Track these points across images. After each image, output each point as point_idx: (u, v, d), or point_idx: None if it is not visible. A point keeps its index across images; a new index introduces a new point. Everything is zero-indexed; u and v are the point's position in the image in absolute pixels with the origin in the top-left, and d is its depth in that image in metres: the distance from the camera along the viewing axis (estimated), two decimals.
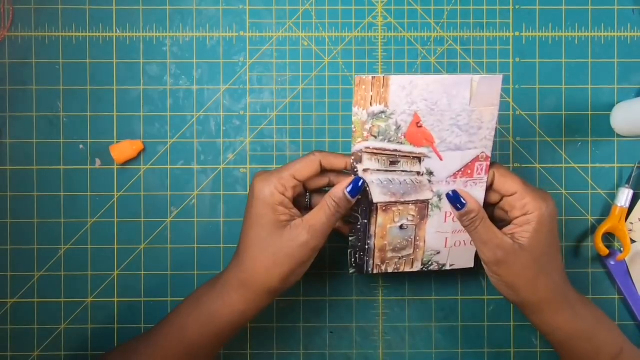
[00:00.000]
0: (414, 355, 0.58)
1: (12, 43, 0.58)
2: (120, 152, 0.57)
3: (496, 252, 0.47)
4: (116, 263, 0.58)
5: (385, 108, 0.46)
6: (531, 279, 0.47)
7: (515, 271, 0.47)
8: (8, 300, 0.57)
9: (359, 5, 0.58)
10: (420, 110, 0.46)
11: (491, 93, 0.46)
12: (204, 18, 0.58)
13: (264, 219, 0.46)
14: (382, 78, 0.45)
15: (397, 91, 0.45)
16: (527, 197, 0.47)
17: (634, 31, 0.58)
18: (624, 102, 0.57)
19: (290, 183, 0.47)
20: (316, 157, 0.48)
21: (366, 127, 0.46)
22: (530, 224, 0.46)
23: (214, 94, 0.58)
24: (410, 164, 0.48)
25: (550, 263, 0.47)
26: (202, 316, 0.47)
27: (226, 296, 0.47)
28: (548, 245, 0.47)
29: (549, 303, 0.48)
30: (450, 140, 0.47)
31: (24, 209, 0.57)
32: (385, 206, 0.49)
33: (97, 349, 0.57)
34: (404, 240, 0.51)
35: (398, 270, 0.53)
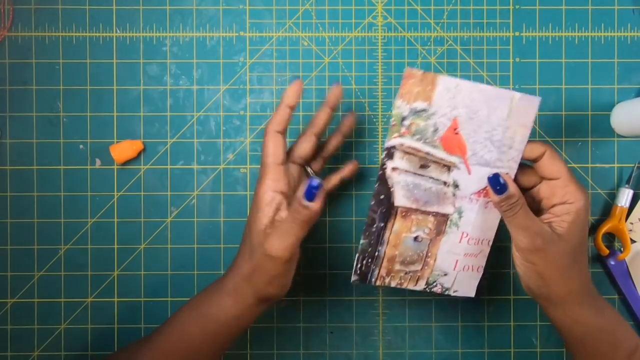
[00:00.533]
0: (414, 355, 0.58)
1: (12, 43, 0.58)
2: (120, 152, 0.57)
3: (535, 239, 0.45)
4: (116, 263, 0.58)
5: (428, 106, 0.46)
6: (565, 270, 0.46)
7: (551, 260, 0.46)
8: (8, 300, 0.57)
9: (359, 5, 0.58)
10: (460, 116, 0.46)
11: (527, 114, 0.46)
12: (204, 18, 0.58)
13: (253, 223, 0.46)
14: (431, 76, 0.45)
15: (442, 92, 0.45)
16: (570, 184, 0.46)
17: (634, 31, 0.58)
18: (624, 102, 0.57)
19: (277, 172, 0.47)
20: (270, 132, 0.47)
21: (405, 122, 0.46)
22: (570, 214, 0.46)
23: (214, 94, 0.58)
24: (439, 171, 0.48)
25: (583, 255, 0.47)
26: (200, 320, 0.47)
27: (221, 301, 0.47)
28: (582, 238, 0.47)
29: (577, 295, 0.47)
30: (481, 155, 0.47)
31: (24, 209, 0.57)
32: (405, 212, 0.48)
33: (97, 349, 0.57)
34: (415, 253, 0.50)
35: (401, 286, 0.51)
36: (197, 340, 0.47)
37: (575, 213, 0.46)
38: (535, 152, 0.47)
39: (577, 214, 0.46)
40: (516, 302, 0.58)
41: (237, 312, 0.47)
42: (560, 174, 0.46)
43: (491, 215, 0.49)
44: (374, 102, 0.58)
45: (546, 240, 0.45)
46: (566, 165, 0.47)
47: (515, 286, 0.58)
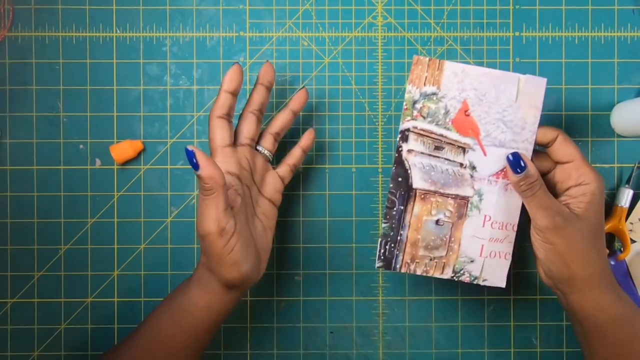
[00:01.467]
0: (414, 355, 0.58)
1: (12, 43, 0.58)
2: (120, 152, 0.57)
3: (555, 218, 0.45)
4: (116, 263, 0.58)
5: (437, 90, 0.48)
6: (585, 250, 0.46)
7: (571, 239, 0.46)
8: (8, 300, 0.57)
9: (359, 5, 0.58)
10: (469, 98, 0.48)
11: (536, 95, 0.48)
12: (204, 18, 0.58)
13: None
14: (438, 62, 0.48)
15: (449, 76, 0.48)
16: (584, 166, 0.47)
17: (634, 31, 0.58)
18: (624, 102, 0.57)
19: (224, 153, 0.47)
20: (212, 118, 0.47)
21: (417, 105, 0.48)
22: (586, 195, 0.46)
23: (214, 94, 0.58)
24: (454, 153, 0.49)
25: (601, 237, 0.47)
26: (173, 313, 0.47)
27: (190, 292, 0.47)
28: (599, 220, 0.47)
29: (597, 279, 0.47)
30: (495, 135, 0.48)
31: (24, 209, 0.57)
32: (424, 194, 0.49)
33: (97, 349, 0.57)
34: (438, 238, 0.50)
35: (427, 273, 0.51)
36: (172, 336, 0.47)
37: (592, 194, 0.46)
38: (548, 136, 0.48)
39: (593, 195, 0.46)
40: (516, 302, 0.58)
41: (206, 302, 0.47)
42: (574, 156, 0.47)
43: (513, 198, 0.49)
44: (374, 102, 0.58)
45: (566, 219, 0.45)
46: (578, 148, 0.48)
47: (516, 286, 0.58)
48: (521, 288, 0.58)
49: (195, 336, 0.47)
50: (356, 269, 0.58)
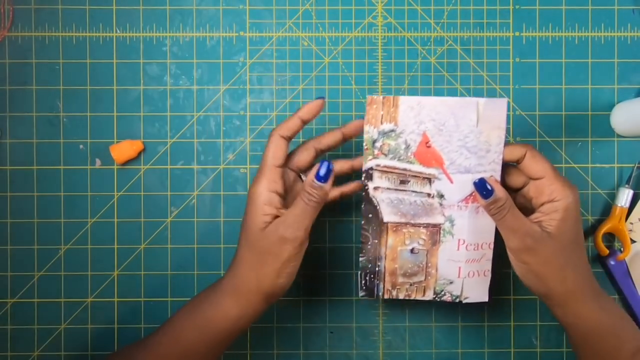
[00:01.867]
0: (414, 355, 0.58)
1: (12, 43, 0.58)
2: (120, 152, 0.57)
3: (525, 239, 0.46)
4: (116, 263, 0.58)
5: (395, 127, 0.48)
6: (559, 268, 0.46)
7: (544, 259, 0.46)
8: (8, 300, 0.57)
9: (359, 5, 0.58)
10: (428, 130, 0.48)
11: (497, 116, 0.47)
12: (204, 18, 0.58)
13: (251, 222, 0.46)
14: (392, 98, 0.48)
15: (406, 111, 0.48)
16: (555, 182, 0.46)
17: (634, 31, 0.58)
18: (624, 102, 0.57)
19: (275, 173, 0.47)
20: (275, 135, 0.48)
21: (377, 144, 0.48)
22: (558, 211, 0.46)
23: (214, 94, 0.58)
24: (420, 184, 0.49)
25: (576, 253, 0.47)
26: (198, 322, 0.47)
27: (221, 302, 0.47)
28: (574, 235, 0.47)
29: (576, 293, 0.47)
30: (459, 162, 0.48)
31: (24, 209, 0.57)
32: (395, 227, 0.50)
33: (97, 349, 0.58)
34: (415, 265, 0.51)
35: (409, 297, 0.52)
36: (195, 344, 0.47)
37: (564, 210, 0.46)
38: (516, 154, 0.48)
39: (565, 211, 0.46)
40: (516, 302, 0.58)
41: (238, 312, 0.47)
42: (544, 172, 0.47)
43: (485, 219, 0.49)
44: None
45: (536, 240, 0.46)
46: (550, 163, 0.47)
47: (515, 286, 0.58)
48: (521, 288, 0.58)
49: (218, 344, 0.48)
50: (356, 269, 0.58)
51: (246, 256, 0.47)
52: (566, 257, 0.46)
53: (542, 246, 0.46)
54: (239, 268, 0.47)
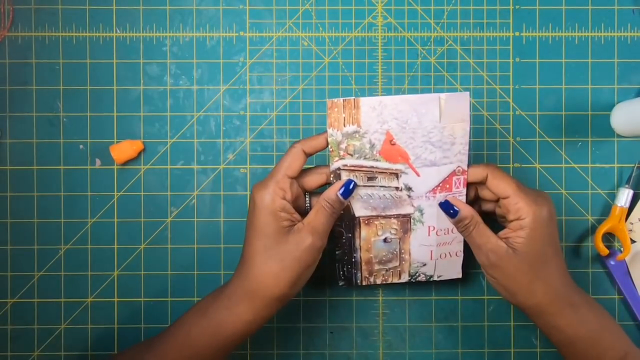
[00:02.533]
0: (414, 355, 0.58)
1: (12, 43, 0.58)
2: (120, 152, 0.57)
3: (489, 256, 0.47)
4: (116, 263, 0.58)
5: (358, 128, 0.48)
6: (527, 283, 0.47)
7: (510, 275, 0.47)
8: (8, 300, 0.58)
9: (359, 5, 0.58)
10: (392, 128, 0.48)
11: (460, 109, 0.48)
12: (204, 18, 0.58)
13: (268, 227, 0.46)
14: (353, 100, 0.47)
15: (368, 112, 0.48)
16: (520, 201, 0.47)
17: (634, 31, 0.59)
18: (624, 102, 0.57)
19: (287, 183, 0.48)
20: (297, 148, 0.48)
21: (342, 146, 0.48)
22: (524, 229, 0.47)
23: (214, 94, 0.58)
24: (387, 179, 0.50)
25: (546, 267, 0.48)
26: (208, 327, 0.47)
27: (233, 307, 0.47)
28: (543, 250, 0.47)
29: (548, 306, 0.48)
30: (425, 157, 0.49)
31: (24, 209, 0.58)
32: (367, 220, 0.51)
33: (97, 349, 0.58)
34: (389, 253, 0.53)
35: (386, 281, 0.54)
36: (205, 348, 0.47)
37: (530, 227, 0.47)
38: (478, 176, 0.49)
39: (532, 229, 0.47)
40: None
41: (254, 317, 0.47)
42: (507, 192, 0.48)
43: None
44: None
45: (501, 257, 0.47)
46: (514, 181, 0.48)
47: None
48: None
49: (229, 347, 0.48)
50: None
51: (263, 261, 0.46)
52: (534, 273, 0.47)
53: (507, 263, 0.47)
54: (253, 272, 0.47)
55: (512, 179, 0.48)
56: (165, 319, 0.58)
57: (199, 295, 0.58)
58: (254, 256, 0.47)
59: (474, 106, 0.58)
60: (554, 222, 0.48)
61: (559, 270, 0.48)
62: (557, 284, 0.48)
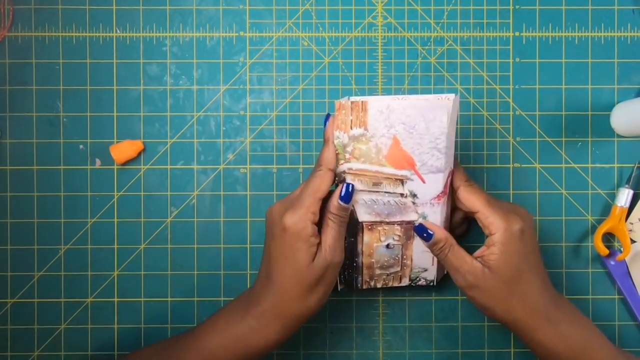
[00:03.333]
0: (414, 355, 0.59)
1: (12, 43, 0.58)
2: (120, 152, 0.57)
3: (467, 277, 0.48)
4: (116, 263, 0.58)
5: (365, 131, 0.48)
6: (503, 301, 0.47)
7: (487, 294, 0.48)
8: (8, 300, 0.58)
9: (359, 5, 0.59)
10: (398, 133, 0.48)
11: (456, 112, 0.49)
12: (204, 18, 0.59)
13: (300, 255, 0.46)
14: (360, 102, 0.47)
15: (375, 115, 0.47)
16: (490, 216, 0.47)
17: (634, 31, 0.59)
18: (624, 102, 0.58)
19: (318, 206, 0.47)
20: (324, 169, 0.48)
21: (348, 149, 0.48)
22: (496, 245, 0.47)
23: (214, 94, 0.58)
24: (393, 185, 0.49)
25: (521, 284, 0.47)
26: (233, 345, 0.48)
27: (263, 329, 0.47)
28: (518, 266, 0.47)
29: (525, 323, 0.48)
30: (431, 163, 0.49)
31: (24, 209, 0.58)
32: (370, 225, 0.51)
33: (97, 349, 0.58)
34: (391, 258, 0.53)
35: (387, 285, 0.54)
36: None
37: (501, 243, 0.46)
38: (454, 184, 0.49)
39: (503, 244, 0.46)
40: None
41: (282, 338, 0.48)
42: (476, 207, 0.48)
43: None
44: None
45: (477, 277, 0.47)
46: (484, 196, 0.48)
47: None
48: None
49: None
50: None
51: (295, 286, 0.47)
52: (510, 290, 0.47)
53: (484, 282, 0.47)
54: (284, 297, 0.47)
55: (482, 193, 0.48)
56: (165, 319, 0.58)
57: (199, 295, 0.58)
58: (284, 282, 0.47)
59: (474, 106, 0.59)
60: (528, 236, 0.47)
61: (536, 286, 0.48)
62: (534, 300, 0.48)
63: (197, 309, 0.58)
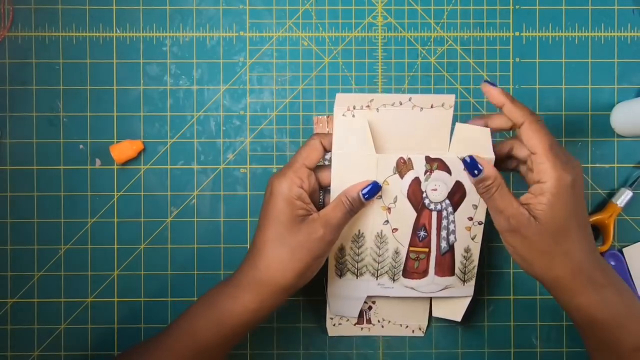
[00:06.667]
0: (414, 355, 0.60)
1: (12, 43, 0.60)
2: (120, 152, 0.59)
3: (510, 221, 0.46)
4: (116, 263, 0.59)
5: None
6: (546, 255, 0.45)
7: (529, 244, 0.45)
8: (8, 300, 0.59)
9: (359, 5, 0.60)
10: None
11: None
12: (204, 18, 0.60)
13: (283, 215, 0.47)
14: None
15: None
16: (546, 162, 0.45)
17: (634, 31, 0.60)
18: (624, 102, 0.59)
19: (304, 172, 0.49)
20: (316, 139, 0.49)
21: (326, 157, 0.54)
22: (544, 194, 0.45)
23: (214, 94, 0.60)
24: None
25: (569, 240, 0.45)
26: (213, 316, 0.48)
27: (239, 295, 0.48)
28: (566, 221, 0.45)
29: (567, 282, 0.46)
30: None
31: (24, 209, 0.59)
32: None
33: (97, 349, 0.59)
34: None
35: None
36: (211, 338, 0.48)
37: (551, 194, 0.44)
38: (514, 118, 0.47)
39: (553, 195, 0.44)
40: (516, 302, 0.60)
41: (259, 306, 0.47)
42: (536, 148, 0.45)
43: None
44: None
45: (521, 223, 0.45)
46: (547, 138, 0.45)
47: (515, 286, 0.60)
48: (521, 288, 0.60)
49: (234, 338, 0.49)
50: None
51: (273, 249, 0.47)
52: (555, 244, 0.45)
53: (527, 230, 0.45)
54: (261, 260, 0.48)
55: (547, 135, 0.46)
56: (165, 319, 0.59)
57: (199, 295, 0.59)
58: (264, 244, 0.48)
59: (474, 106, 0.60)
60: (579, 192, 0.45)
61: (583, 245, 0.46)
62: (579, 259, 0.46)
63: None
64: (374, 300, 0.57)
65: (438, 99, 0.49)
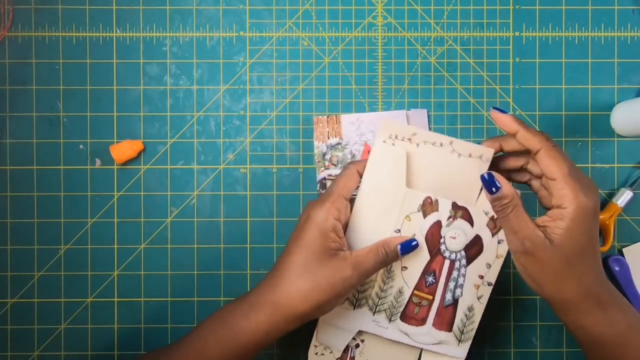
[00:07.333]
0: None
1: (12, 43, 0.60)
2: (120, 152, 0.59)
3: (524, 242, 0.45)
4: (116, 263, 0.60)
5: (341, 140, 0.59)
6: (558, 278, 0.45)
7: (542, 267, 0.45)
8: (8, 300, 0.59)
9: (359, 5, 0.60)
10: (369, 140, 0.59)
11: (422, 124, 0.59)
12: (204, 18, 0.60)
13: (314, 244, 0.47)
14: (335, 117, 0.59)
15: (348, 126, 0.59)
16: (566, 188, 0.44)
17: (634, 31, 0.60)
18: (624, 102, 0.59)
19: (342, 203, 0.49)
20: (353, 168, 0.50)
21: (326, 157, 0.56)
22: (564, 219, 0.44)
23: (214, 94, 0.60)
24: None
25: (582, 264, 0.45)
26: (225, 335, 0.48)
27: (252, 315, 0.47)
28: (581, 246, 0.45)
29: (575, 304, 0.46)
30: None
31: (24, 209, 0.60)
32: None
33: (97, 349, 0.60)
34: None
35: None
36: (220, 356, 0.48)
37: (570, 219, 0.44)
38: (531, 146, 0.47)
39: (573, 221, 0.44)
40: (516, 302, 0.60)
41: (270, 329, 0.47)
42: (556, 174, 0.45)
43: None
44: (374, 102, 0.60)
45: (536, 246, 0.45)
46: (567, 165, 0.45)
47: (515, 286, 0.60)
48: (521, 288, 0.60)
49: (244, 355, 0.48)
50: None
51: (297, 275, 0.47)
52: (568, 268, 0.45)
53: (542, 253, 0.45)
54: (282, 284, 0.47)
55: (566, 161, 0.45)
56: (165, 319, 0.60)
57: (199, 295, 0.60)
58: (289, 268, 0.47)
59: (474, 106, 0.60)
60: (596, 217, 0.45)
61: (594, 269, 0.46)
62: (589, 283, 0.46)
63: (197, 309, 0.60)
64: (363, 339, 0.54)
65: (477, 150, 0.50)
